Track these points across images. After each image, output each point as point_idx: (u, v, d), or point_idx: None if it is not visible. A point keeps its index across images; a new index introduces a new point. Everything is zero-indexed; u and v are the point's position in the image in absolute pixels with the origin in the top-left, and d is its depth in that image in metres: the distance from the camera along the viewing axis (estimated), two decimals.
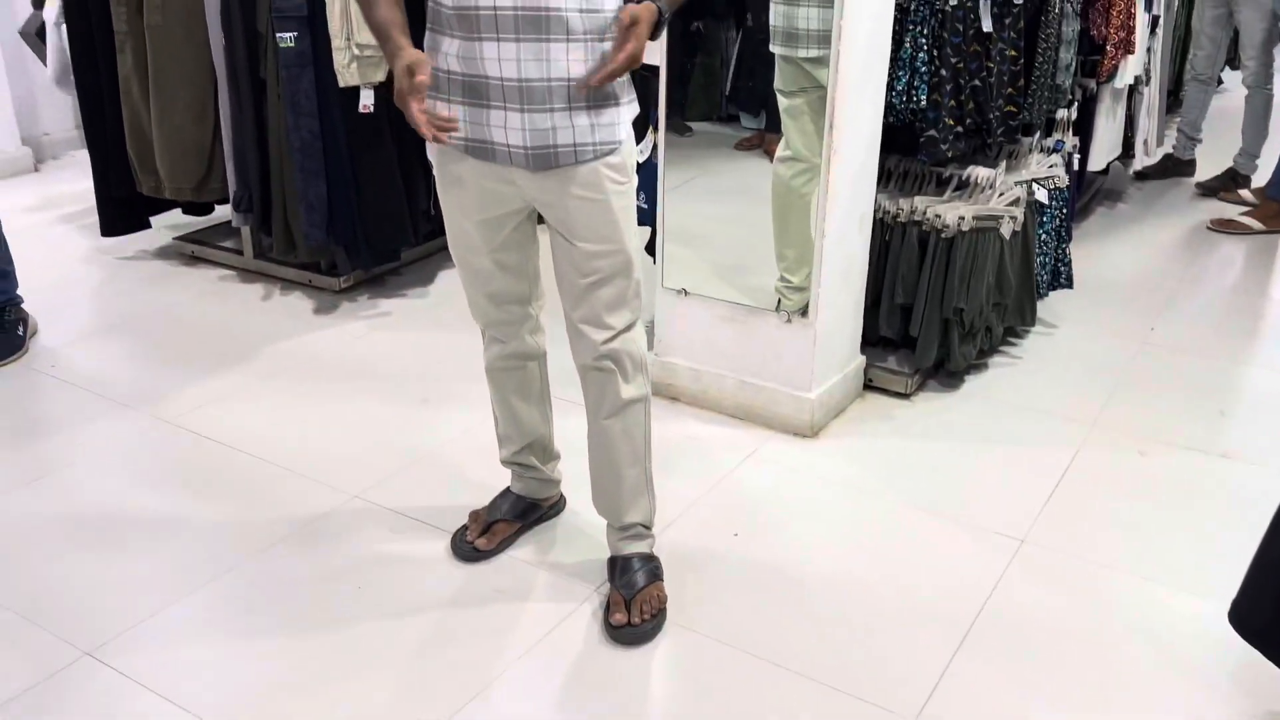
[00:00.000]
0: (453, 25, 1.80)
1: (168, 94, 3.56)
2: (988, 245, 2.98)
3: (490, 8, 1.75)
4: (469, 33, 1.78)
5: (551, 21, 1.75)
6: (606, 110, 1.87)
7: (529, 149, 1.84)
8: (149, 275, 3.87)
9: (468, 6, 1.76)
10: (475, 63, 1.79)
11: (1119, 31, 3.75)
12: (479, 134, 1.86)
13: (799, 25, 2.71)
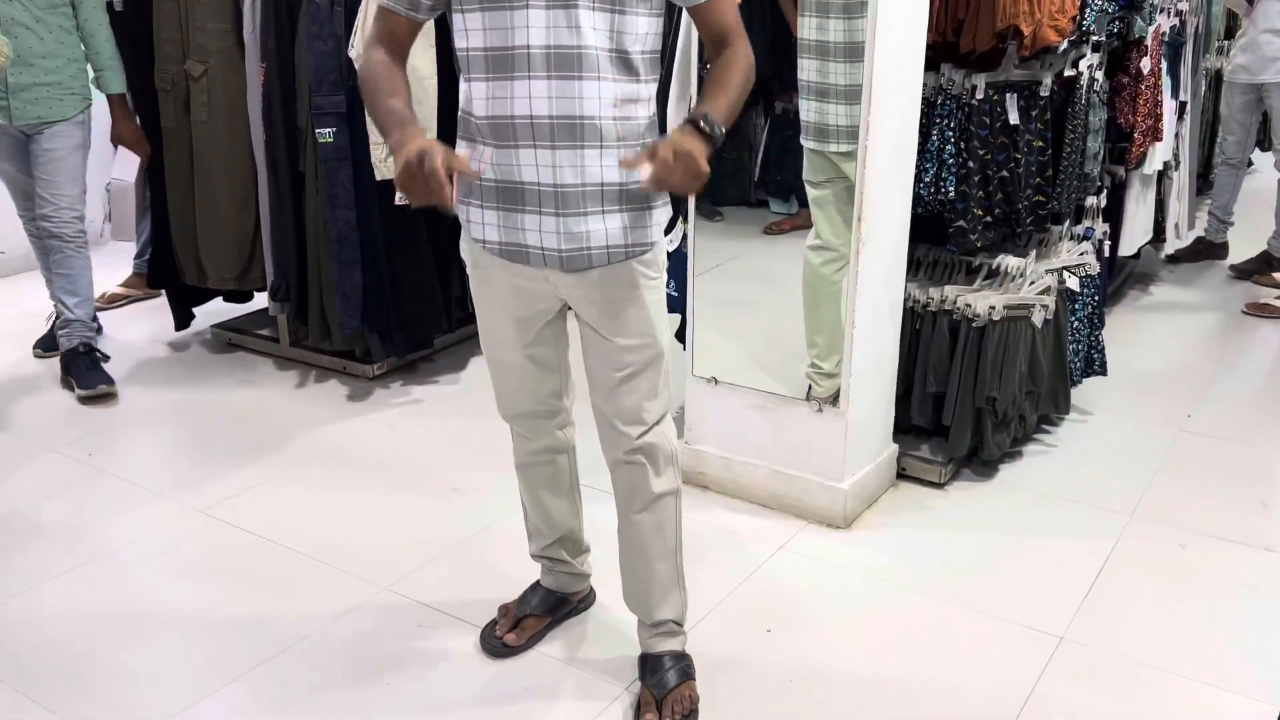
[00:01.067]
0: (485, 134, 1.82)
1: (212, 186, 3.66)
2: (1019, 334, 2.97)
3: (526, 117, 1.77)
4: (503, 140, 1.81)
5: (586, 129, 1.78)
6: (640, 213, 1.89)
7: (563, 252, 1.86)
8: (188, 363, 3.94)
9: (502, 116, 1.79)
10: (510, 169, 1.82)
11: (1146, 119, 3.77)
12: (513, 238, 1.88)
13: (829, 121, 2.75)
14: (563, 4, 1.73)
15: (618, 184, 1.84)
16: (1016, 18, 2.74)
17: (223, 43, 3.55)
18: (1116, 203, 3.98)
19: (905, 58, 2.64)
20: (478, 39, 1.78)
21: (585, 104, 1.77)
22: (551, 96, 1.76)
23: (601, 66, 1.77)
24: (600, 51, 1.76)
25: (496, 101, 1.78)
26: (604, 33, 1.76)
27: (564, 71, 1.75)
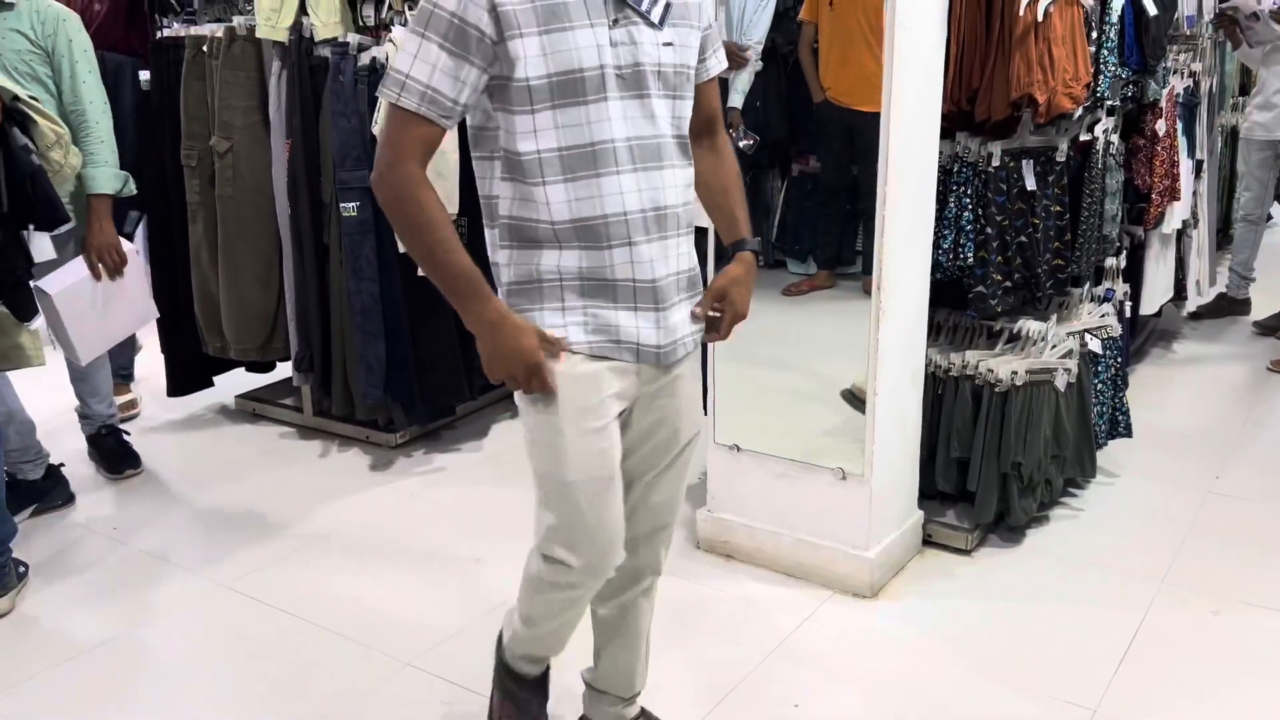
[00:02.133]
0: (567, 238, 1.71)
1: (236, 260, 3.72)
2: (1043, 398, 2.96)
3: (620, 214, 1.71)
4: (595, 242, 1.72)
5: (668, 219, 1.76)
6: (695, 297, 1.88)
7: (660, 347, 1.79)
8: (211, 434, 3.96)
9: (594, 217, 1.71)
10: (605, 269, 1.73)
11: (1163, 180, 3.78)
12: (608, 335, 1.77)
13: None
14: (636, 94, 1.70)
15: (689, 271, 1.84)
16: (1031, 87, 2.76)
17: (248, 119, 3.62)
18: (1136, 262, 3.99)
19: (920, 126, 2.67)
20: (550, 139, 1.67)
21: (666, 194, 1.75)
22: (640, 190, 1.72)
23: (673, 154, 1.76)
24: (670, 139, 1.75)
25: (582, 203, 1.69)
26: (668, 119, 1.74)
27: (646, 163, 1.72)
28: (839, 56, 4.51)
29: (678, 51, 1.73)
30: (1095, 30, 2.98)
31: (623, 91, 1.68)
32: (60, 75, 3.02)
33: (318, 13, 3.37)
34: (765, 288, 3.88)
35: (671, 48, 1.72)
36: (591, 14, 1.64)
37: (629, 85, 1.68)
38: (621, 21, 1.67)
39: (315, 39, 3.41)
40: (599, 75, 1.66)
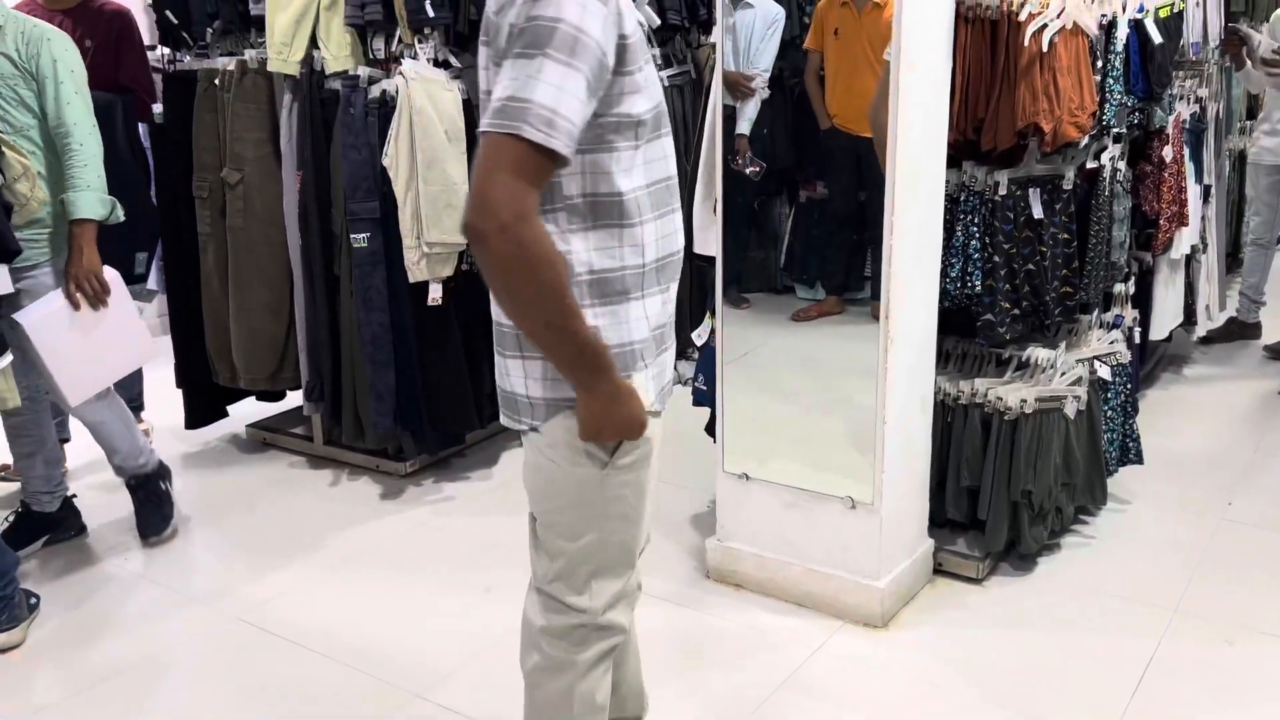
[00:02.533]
0: (650, 282, 1.65)
1: (246, 290, 3.74)
2: (1052, 426, 2.95)
3: (679, 251, 1.72)
4: (669, 281, 1.70)
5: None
6: None
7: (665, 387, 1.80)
8: (223, 463, 3.98)
9: (672, 254, 1.69)
10: (666, 311, 1.71)
11: (1171, 205, 3.78)
12: (663, 384, 1.77)
13: None
14: (669, 131, 1.68)
15: None
16: (1036, 116, 2.77)
17: (259, 151, 3.65)
18: (1145, 288, 3.98)
19: (926, 156, 2.68)
20: (642, 175, 1.61)
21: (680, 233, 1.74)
22: (680, 228, 1.71)
23: None
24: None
25: (665, 240, 1.65)
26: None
27: (676, 200, 1.71)
28: (845, 84, 4.54)
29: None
30: (1100, 59, 2.99)
31: (670, 128, 1.70)
32: (44, 96, 2.86)
33: (329, 46, 3.41)
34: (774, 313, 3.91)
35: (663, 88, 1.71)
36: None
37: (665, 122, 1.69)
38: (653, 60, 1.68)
39: (326, 72, 3.44)
40: (662, 110, 1.65)
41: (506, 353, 1.69)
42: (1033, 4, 2.78)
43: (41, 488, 3.23)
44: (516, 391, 1.69)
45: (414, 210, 3.36)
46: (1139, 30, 3.20)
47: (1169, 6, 3.42)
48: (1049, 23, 2.75)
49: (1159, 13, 3.33)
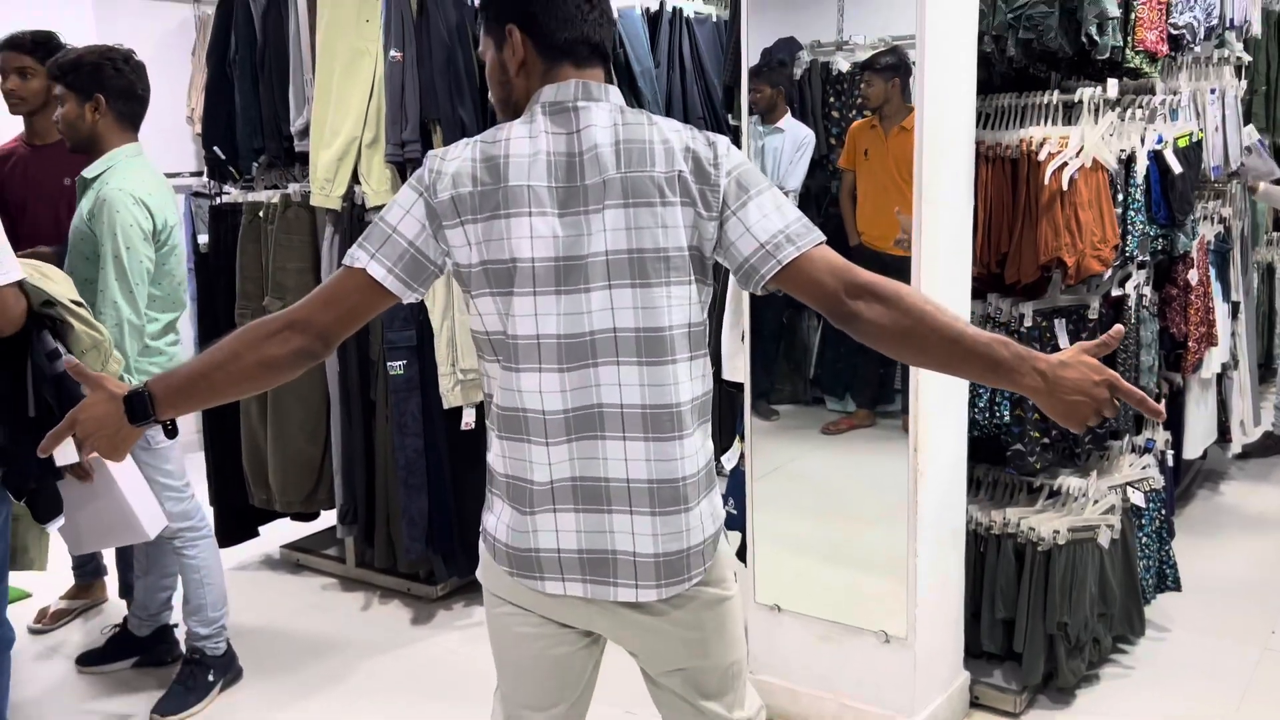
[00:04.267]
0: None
1: (284, 413, 3.81)
2: (1087, 556, 2.93)
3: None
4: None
5: None
6: None
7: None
8: (255, 584, 4.00)
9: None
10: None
11: (1199, 327, 3.79)
12: None
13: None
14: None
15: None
16: (1059, 250, 2.82)
17: (300, 280, 3.76)
18: (1176, 408, 3.97)
19: (951, 288, 2.72)
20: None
21: None
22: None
23: None
24: None
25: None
26: None
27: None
28: (873, 203, 4.63)
29: None
30: (1121, 192, 3.05)
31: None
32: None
33: (369, 181, 3.53)
34: (804, 426, 3.92)
35: None
36: None
37: None
38: None
39: (366, 205, 3.56)
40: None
41: (690, 504, 1.64)
42: (1051, 144, 2.85)
43: (139, 612, 3.32)
44: (694, 543, 1.65)
45: (449, 338, 3.44)
46: (1159, 161, 3.26)
47: (1187, 136, 3.48)
48: (1069, 161, 2.82)
49: (1178, 142, 3.39)
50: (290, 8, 3.72)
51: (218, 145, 3.93)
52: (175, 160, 5.31)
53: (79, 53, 2.93)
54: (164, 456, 3.00)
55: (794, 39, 4.92)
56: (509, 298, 1.58)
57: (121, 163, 2.90)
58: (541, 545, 1.65)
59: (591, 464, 1.62)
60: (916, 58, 2.62)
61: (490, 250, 1.57)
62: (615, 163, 1.58)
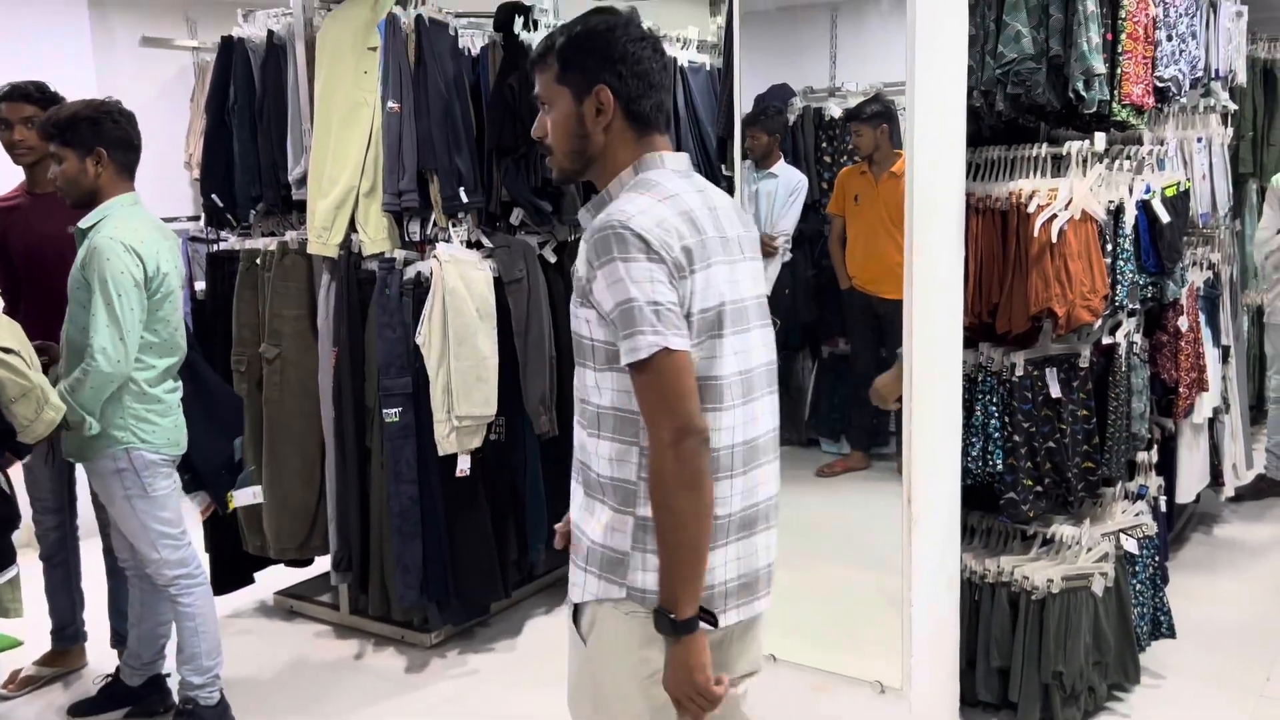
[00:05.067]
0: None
1: (279, 460, 3.82)
2: (1081, 604, 2.94)
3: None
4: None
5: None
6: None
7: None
8: (249, 632, 3.98)
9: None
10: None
11: (1190, 373, 3.82)
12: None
13: None
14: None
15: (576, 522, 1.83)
16: (1049, 301, 2.86)
17: (297, 326, 3.79)
18: (1169, 453, 3.98)
19: (943, 339, 2.75)
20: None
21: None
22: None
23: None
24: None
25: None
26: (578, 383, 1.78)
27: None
28: (864, 247, 4.69)
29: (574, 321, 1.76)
30: (1110, 243, 3.08)
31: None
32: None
33: (366, 230, 3.56)
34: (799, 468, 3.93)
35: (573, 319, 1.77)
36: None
37: None
38: None
39: (363, 254, 3.59)
40: None
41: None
42: (1040, 196, 2.89)
43: (131, 661, 3.30)
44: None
45: (445, 385, 3.46)
46: (1147, 210, 3.30)
47: (1175, 185, 3.53)
48: (1058, 213, 2.86)
49: (1165, 192, 3.44)
50: (289, 58, 3.77)
51: (216, 193, 3.96)
52: (173, 205, 5.34)
53: (73, 109, 2.94)
54: (160, 504, 2.98)
55: (787, 86, 5.00)
56: (718, 340, 1.70)
57: (116, 211, 2.94)
58: (760, 563, 1.81)
59: (756, 490, 1.77)
60: (907, 108, 2.65)
61: (708, 297, 1.69)
62: (734, 221, 1.79)
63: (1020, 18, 2.83)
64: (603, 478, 1.72)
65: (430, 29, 3.52)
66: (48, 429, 2.69)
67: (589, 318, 1.68)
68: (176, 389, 3.05)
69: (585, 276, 1.66)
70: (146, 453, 2.92)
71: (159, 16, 5.41)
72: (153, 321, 2.92)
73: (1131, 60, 3.06)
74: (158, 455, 2.95)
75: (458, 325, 3.45)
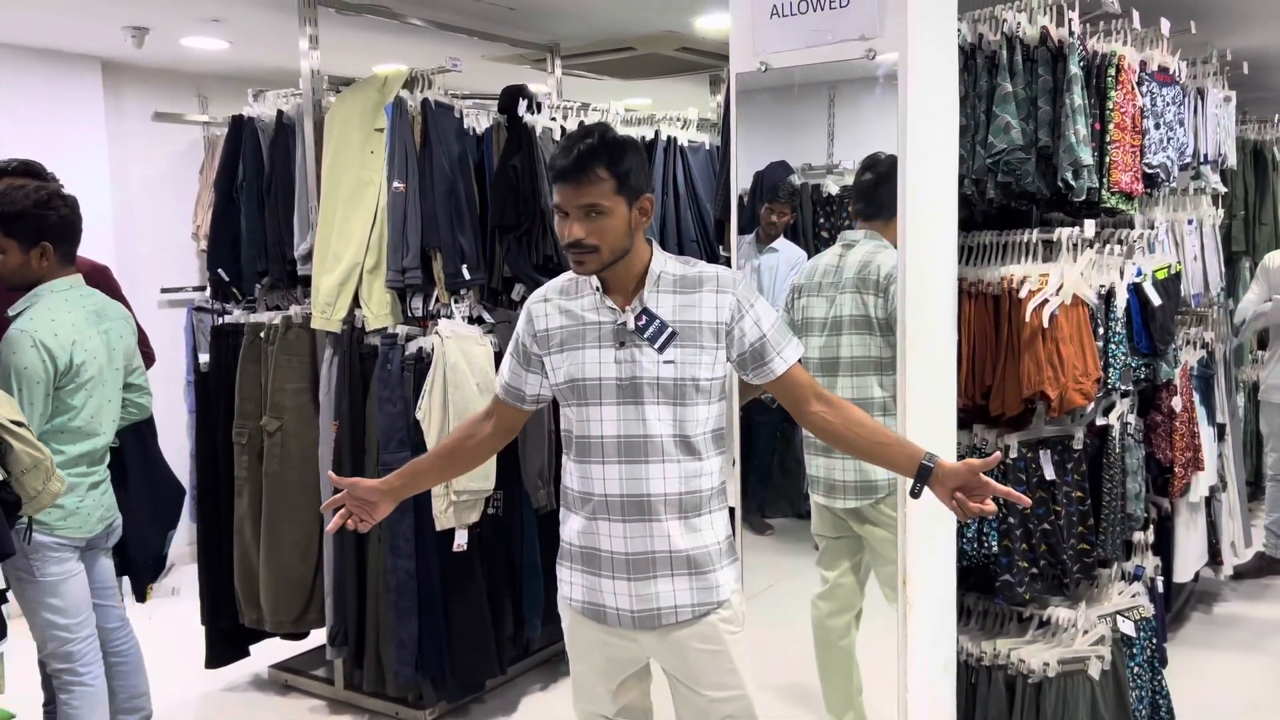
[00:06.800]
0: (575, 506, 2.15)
1: (277, 532, 3.82)
2: (1078, 688, 2.93)
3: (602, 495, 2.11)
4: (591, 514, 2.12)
5: (652, 504, 2.08)
6: (705, 574, 2.11)
7: (635, 612, 2.10)
8: (244, 706, 3.96)
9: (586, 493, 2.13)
10: (593, 537, 2.12)
11: (1185, 452, 3.84)
12: (593, 598, 2.14)
13: (836, 477, 2.88)
14: (632, 400, 2.06)
15: (684, 550, 2.08)
16: (1042, 384, 2.89)
17: (299, 400, 3.82)
18: (1166, 532, 3.98)
19: (936, 419, 2.78)
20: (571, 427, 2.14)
21: (651, 484, 2.07)
22: (622, 478, 2.07)
23: (666, 450, 2.07)
24: (665, 438, 2.07)
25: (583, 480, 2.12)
26: (668, 422, 2.06)
27: (632, 456, 2.08)
28: None
29: (678, 368, 2.06)
30: (1102, 325, 3.13)
31: (620, 399, 2.07)
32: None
33: (369, 305, 3.62)
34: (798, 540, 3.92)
35: (672, 365, 2.06)
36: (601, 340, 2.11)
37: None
38: (627, 344, 2.08)
39: (366, 329, 3.64)
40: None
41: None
42: (1032, 281, 2.94)
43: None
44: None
45: None
46: (1139, 293, 3.35)
47: (1166, 268, 3.58)
48: (1049, 298, 2.90)
49: (1156, 274, 3.49)
50: (297, 138, 3.85)
51: (222, 267, 4.03)
52: (180, 275, 5.40)
53: (20, 205, 2.90)
54: (48, 590, 2.89)
55: (786, 162, 5.08)
56: None
57: (45, 298, 2.92)
58: None
59: None
60: (898, 194, 2.70)
61: None
62: None
63: (1009, 109, 2.91)
64: (714, 488, 2.12)
65: (436, 112, 3.61)
66: (52, 500, 2.71)
67: (716, 358, 2.08)
68: (90, 473, 2.98)
69: (727, 320, 2.08)
70: (37, 534, 2.84)
71: (171, 92, 5.53)
72: (63, 410, 2.89)
73: (1120, 149, 3.13)
74: (52, 538, 2.87)
75: (458, 400, 3.48)
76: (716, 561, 2.12)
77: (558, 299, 2.17)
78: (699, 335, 2.07)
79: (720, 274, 2.11)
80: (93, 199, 3.08)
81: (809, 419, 2.15)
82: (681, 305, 2.09)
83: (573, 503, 2.15)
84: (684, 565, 2.08)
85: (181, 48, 4.90)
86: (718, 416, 2.14)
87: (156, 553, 3.23)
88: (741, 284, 2.11)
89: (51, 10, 4.24)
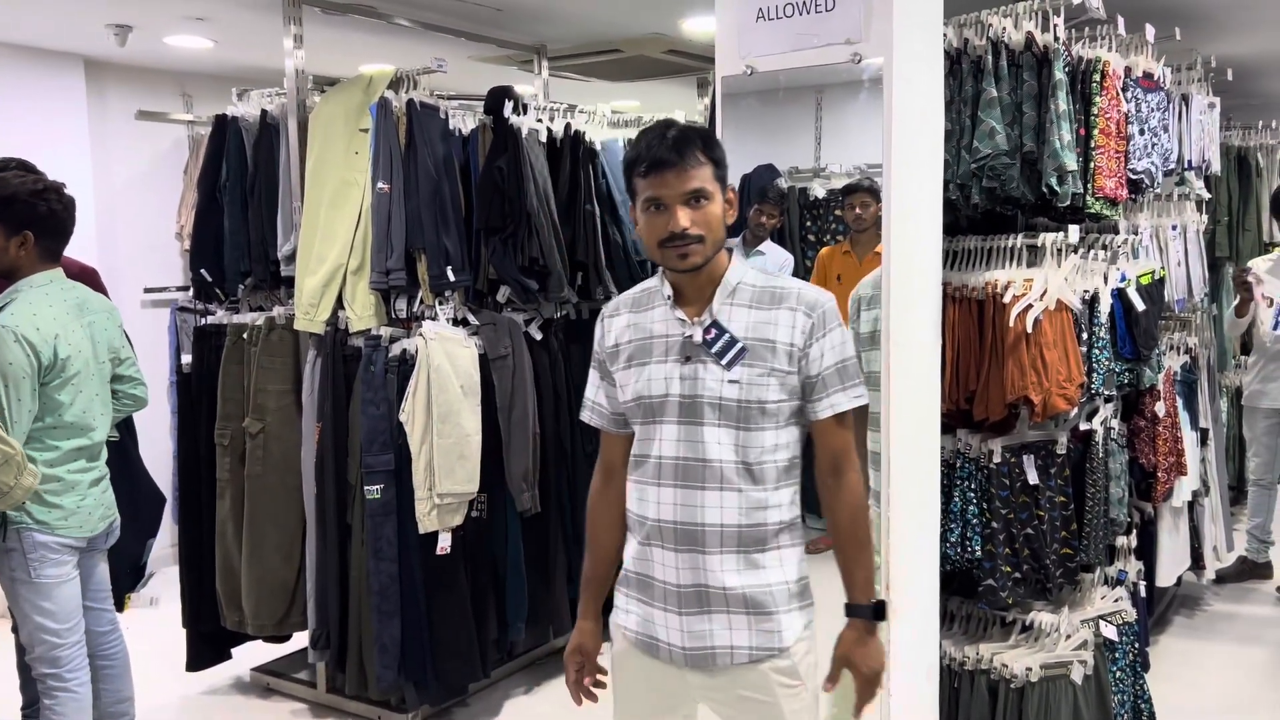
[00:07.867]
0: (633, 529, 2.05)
1: (260, 536, 3.80)
2: (1060, 693, 2.93)
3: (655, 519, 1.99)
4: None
5: (708, 534, 1.92)
6: (766, 617, 1.94)
7: (685, 649, 1.95)
8: (225, 709, 3.93)
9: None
10: (647, 564, 1.99)
11: (1168, 457, 3.85)
12: (647, 630, 2.00)
13: None
14: (691, 420, 1.91)
15: (738, 588, 1.91)
16: (1026, 389, 2.89)
17: (281, 401, 3.80)
18: (1149, 536, 3.99)
19: (920, 425, 2.78)
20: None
21: (706, 512, 1.91)
22: (676, 504, 1.93)
23: (726, 477, 1.90)
24: (725, 464, 1.90)
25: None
26: (729, 446, 1.89)
27: (689, 481, 1.92)
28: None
29: (743, 389, 1.89)
30: (1085, 331, 3.13)
31: (680, 418, 1.93)
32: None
33: (353, 307, 3.60)
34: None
35: (737, 385, 1.89)
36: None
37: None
38: (693, 359, 1.94)
39: (350, 330, 3.62)
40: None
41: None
42: (1016, 286, 2.95)
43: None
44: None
45: (428, 462, 3.46)
46: (1122, 298, 3.36)
47: (1150, 274, 3.59)
48: (1033, 304, 2.91)
49: (1140, 280, 3.50)
50: (281, 138, 3.83)
51: (205, 268, 4.01)
52: (163, 275, 5.37)
53: (12, 189, 2.87)
54: (43, 592, 2.85)
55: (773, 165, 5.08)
56: None
57: (25, 293, 2.87)
58: None
59: None
60: (883, 199, 2.71)
61: None
62: None
63: (994, 114, 2.91)
64: (784, 522, 1.95)
65: (421, 112, 3.59)
66: (25, 495, 2.68)
67: (786, 382, 1.90)
68: (89, 469, 2.94)
69: (801, 344, 1.90)
70: (38, 534, 2.81)
71: (155, 91, 5.50)
72: (52, 406, 2.84)
73: (1104, 155, 3.14)
74: (51, 538, 2.83)
75: (441, 402, 3.47)
76: (781, 604, 1.93)
77: (628, 312, 2.02)
78: (771, 355, 1.90)
79: (803, 290, 1.93)
80: (75, 198, 3.05)
81: (816, 480, 2.00)
82: (757, 321, 1.91)
83: (632, 525, 2.02)
84: (740, 604, 1.91)
85: (165, 46, 4.87)
86: (790, 444, 1.94)
87: (135, 561, 3.20)
88: (825, 306, 1.92)
89: (33, 7, 4.21)
